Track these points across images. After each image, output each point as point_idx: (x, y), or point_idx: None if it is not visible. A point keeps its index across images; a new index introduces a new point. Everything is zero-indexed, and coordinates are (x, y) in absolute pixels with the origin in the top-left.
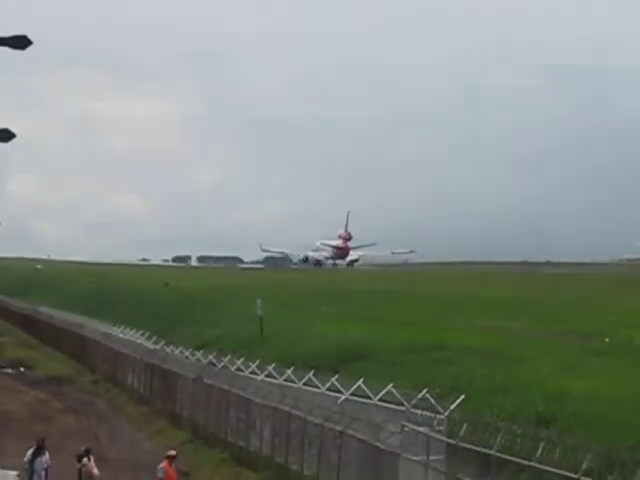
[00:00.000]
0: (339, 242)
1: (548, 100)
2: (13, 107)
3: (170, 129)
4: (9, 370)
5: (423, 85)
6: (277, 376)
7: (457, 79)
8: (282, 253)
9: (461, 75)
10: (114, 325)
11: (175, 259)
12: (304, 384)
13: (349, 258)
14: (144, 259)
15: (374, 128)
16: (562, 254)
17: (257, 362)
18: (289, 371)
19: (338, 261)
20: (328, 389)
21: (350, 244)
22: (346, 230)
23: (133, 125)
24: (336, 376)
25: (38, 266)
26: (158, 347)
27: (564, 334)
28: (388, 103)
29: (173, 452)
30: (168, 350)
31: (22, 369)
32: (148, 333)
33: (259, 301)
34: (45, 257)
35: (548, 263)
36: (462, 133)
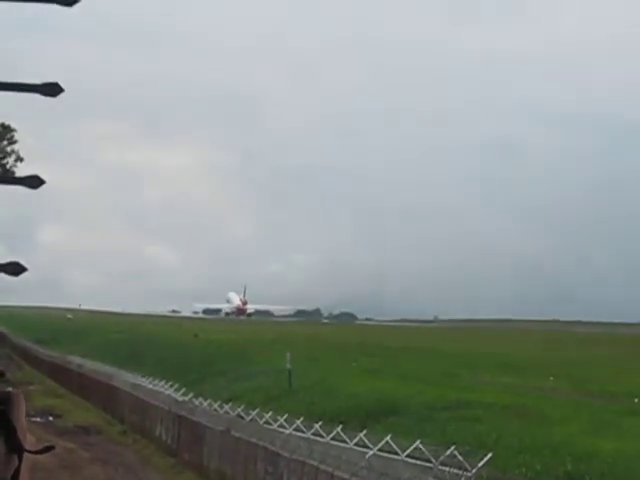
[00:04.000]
0: (239, 304)
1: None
2: (45, 155)
3: (201, 179)
4: (38, 419)
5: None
6: (305, 430)
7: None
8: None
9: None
10: (143, 376)
11: (205, 311)
12: (332, 439)
13: (247, 312)
14: (174, 310)
15: (405, 174)
16: (593, 314)
17: (285, 416)
18: (317, 425)
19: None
20: (356, 444)
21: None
22: (244, 297)
23: (164, 175)
24: (364, 431)
25: (69, 315)
26: (187, 399)
27: (593, 394)
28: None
29: None
30: (197, 402)
31: (51, 418)
32: (177, 385)
33: (288, 354)
34: (76, 307)
35: (578, 323)
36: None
